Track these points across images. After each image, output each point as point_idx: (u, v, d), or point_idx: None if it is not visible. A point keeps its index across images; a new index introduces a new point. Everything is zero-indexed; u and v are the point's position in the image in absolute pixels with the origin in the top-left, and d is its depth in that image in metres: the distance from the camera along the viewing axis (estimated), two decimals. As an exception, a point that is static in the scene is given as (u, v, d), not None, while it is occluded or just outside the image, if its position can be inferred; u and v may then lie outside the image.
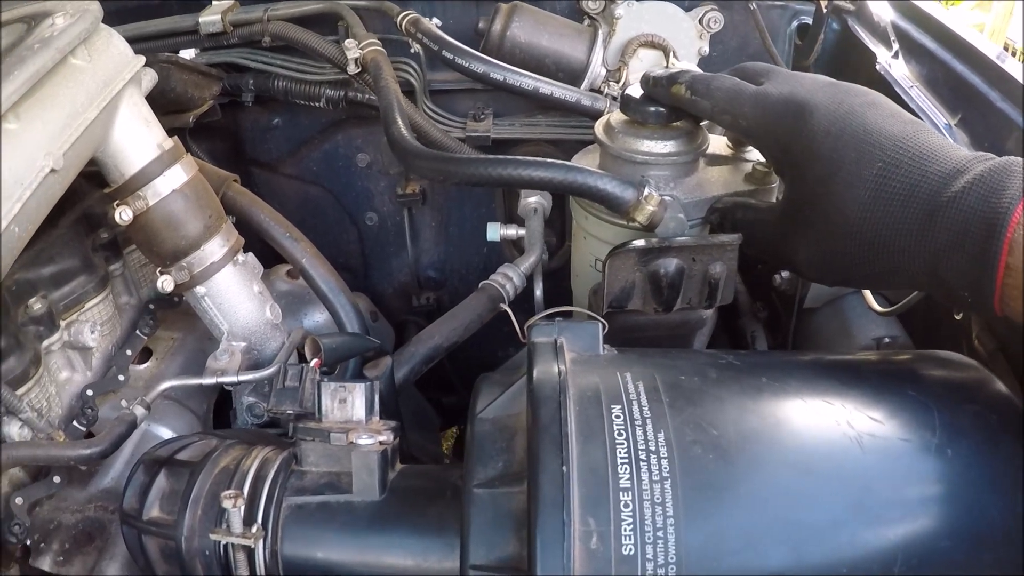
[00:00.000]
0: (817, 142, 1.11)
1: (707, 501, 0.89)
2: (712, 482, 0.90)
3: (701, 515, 0.88)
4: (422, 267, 2.56)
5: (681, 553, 0.86)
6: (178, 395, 1.65)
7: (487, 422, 1.10)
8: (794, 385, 1.05)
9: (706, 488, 0.90)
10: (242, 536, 1.13)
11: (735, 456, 0.92)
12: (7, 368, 1.37)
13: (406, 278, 2.57)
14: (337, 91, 2.13)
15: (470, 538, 0.98)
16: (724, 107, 1.26)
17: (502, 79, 1.93)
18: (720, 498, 0.89)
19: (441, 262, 2.55)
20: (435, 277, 2.58)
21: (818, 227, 1.12)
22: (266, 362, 1.71)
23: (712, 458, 0.91)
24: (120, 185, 1.48)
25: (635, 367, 1.05)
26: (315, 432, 1.20)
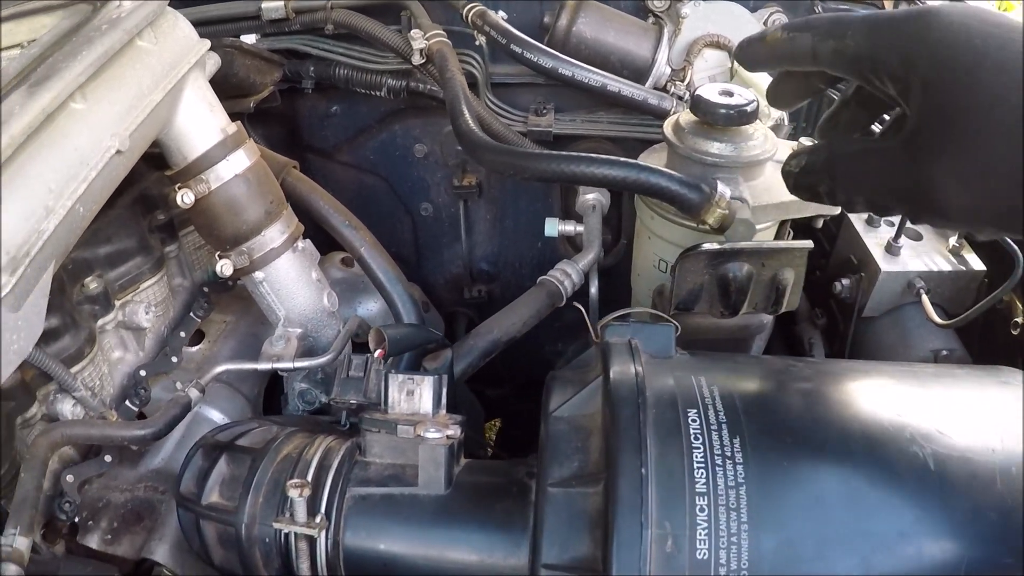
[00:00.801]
0: (952, 35, 0.88)
1: (780, 509, 0.89)
2: (785, 490, 0.90)
3: (774, 522, 0.88)
4: (475, 259, 2.55)
5: (753, 559, 0.86)
6: (230, 379, 1.66)
7: (562, 421, 1.09)
8: (864, 396, 1.04)
9: (779, 496, 0.89)
10: (306, 526, 1.13)
11: (808, 465, 0.92)
12: (62, 346, 1.37)
13: (458, 270, 2.57)
14: (399, 81, 2.12)
15: (543, 537, 0.98)
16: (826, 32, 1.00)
17: (571, 75, 1.92)
18: (793, 506, 0.89)
19: (494, 255, 2.55)
20: (487, 270, 2.57)
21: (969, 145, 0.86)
22: (321, 349, 1.71)
23: (786, 466, 0.91)
24: (182, 168, 1.49)
25: (709, 371, 1.05)
26: (381, 423, 1.20)
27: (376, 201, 2.45)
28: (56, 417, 1.38)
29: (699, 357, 1.14)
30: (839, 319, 1.89)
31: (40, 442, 1.27)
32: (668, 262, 1.60)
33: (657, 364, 1.08)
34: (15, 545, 1.14)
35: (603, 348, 1.12)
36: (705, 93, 1.48)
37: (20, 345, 1.12)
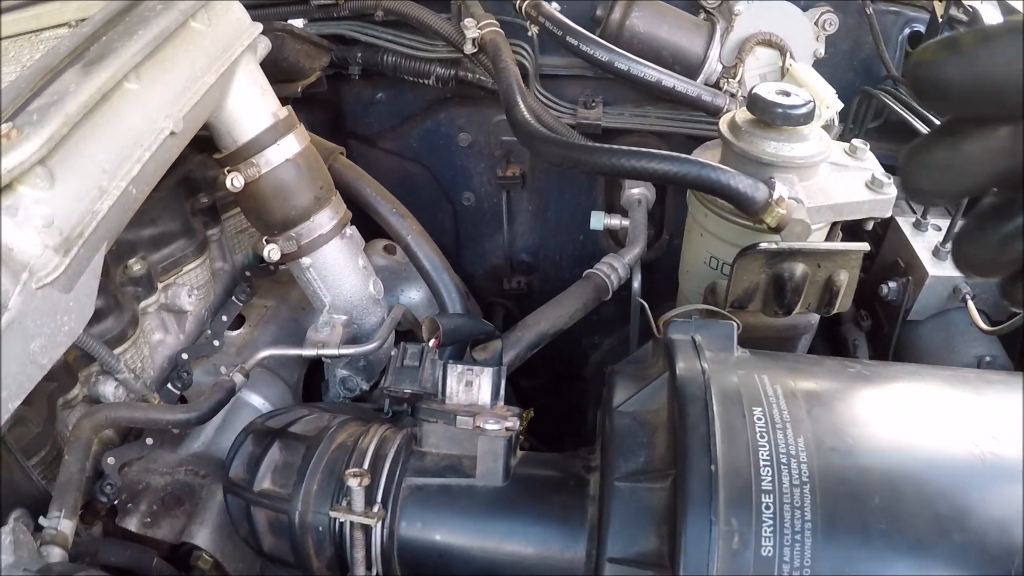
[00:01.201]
0: None
1: (843, 508, 0.88)
2: (848, 490, 0.89)
3: (837, 522, 0.87)
4: (516, 250, 2.55)
5: (816, 558, 0.85)
6: (271, 364, 1.65)
7: (627, 416, 1.08)
8: (921, 398, 1.04)
9: (842, 496, 0.89)
10: (363, 515, 1.13)
11: (869, 466, 0.91)
12: (105, 328, 1.37)
13: (499, 260, 2.56)
14: (447, 69, 2.11)
15: (609, 531, 0.97)
16: None
17: (626, 69, 1.90)
18: (855, 506, 0.88)
19: (535, 247, 2.54)
20: (528, 261, 2.56)
21: None
22: (364, 337, 1.70)
23: (848, 466, 0.91)
24: (232, 151, 1.48)
25: (771, 370, 1.04)
26: (439, 414, 1.20)
27: (418, 189, 2.44)
28: (98, 399, 1.38)
29: (760, 355, 1.13)
30: (884, 322, 1.87)
31: (84, 424, 1.25)
32: (720, 259, 1.59)
33: (721, 361, 1.07)
34: (60, 528, 1.13)
35: (667, 344, 1.11)
36: (763, 92, 1.47)
37: (71, 327, 1.11)
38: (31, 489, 1.20)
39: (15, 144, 1.01)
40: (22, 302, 1.03)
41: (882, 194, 1.49)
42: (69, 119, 1.06)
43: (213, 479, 1.43)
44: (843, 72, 2.20)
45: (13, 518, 1.15)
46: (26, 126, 1.03)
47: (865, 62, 2.22)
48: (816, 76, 1.85)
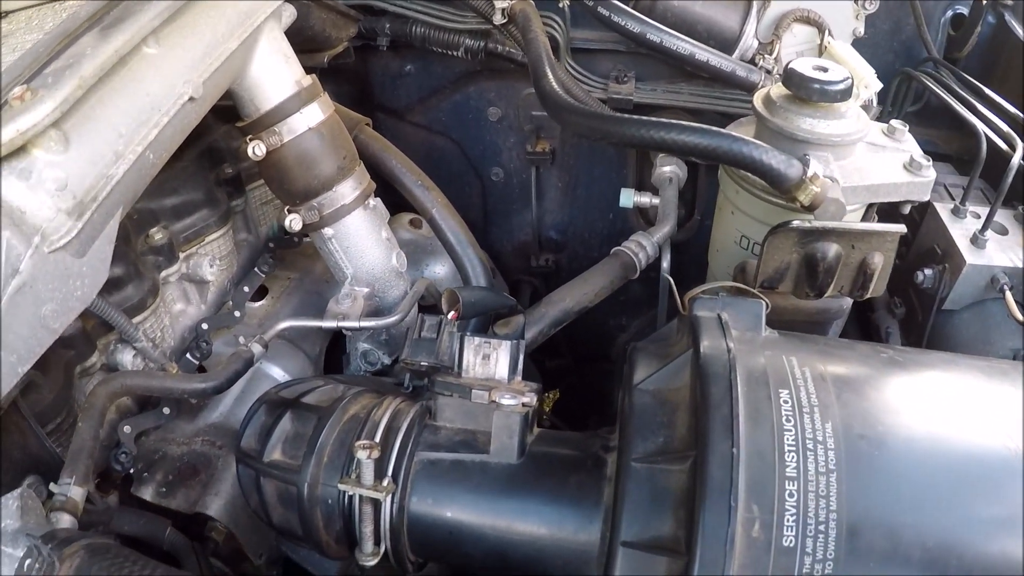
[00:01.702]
0: None
1: (871, 500, 0.85)
2: (877, 481, 0.86)
3: (864, 513, 0.84)
4: (544, 227, 2.52)
5: (840, 550, 0.82)
6: (292, 336, 1.64)
7: (647, 394, 1.05)
8: (955, 388, 1.01)
9: (870, 487, 0.86)
10: (372, 489, 1.10)
11: (900, 456, 0.88)
12: (124, 296, 1.36)
13: (526, 237, 2.53)
14: (477, 41, 2.08)
15: (624, 513, 0.95)
16: None
17: (659, 41, 1.87)
18: (883, 499, 0.85)
19: (564, 224, 2.51)
20: (556, 239, 2.54)
21: None
22: (387, 310, 1.68)
23: (877, 455, 0.88)
24: (255, 119, 1.46)
25: (800, 352, 1.01)
26: (455, 387, 1.18)
27: (445, 164, 2.42)
28: (115, 367, 1.37)
29: (788, 337, 1.10)
30: (918, 310, 1.83)
31: (99, 391, 1.25)
32: (751, 239, 1.56)
33: (747, 341, 1.04)
34: (70, 495, 1.12)
35: (692, 321, 1.08)
36: (799, 67, 1.44)
37: (83, 292, 1.10)
38: (45, 456, 1.20)
39: (29, 106, 1.00)
40: (33, 265, 1.02)
41: (920, 176, 1.46)
42: (84, 82, 1.05)
43: (229, 450, 1.42)
44: (883, 53, 2.16)
45: (26, 484, 1.14)
46: (41, 88, 1.02)
47: (906, 43, 2.17)
48: (855, 55, 1.82)
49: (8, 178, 1.01)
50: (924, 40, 2.09)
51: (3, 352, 1.01)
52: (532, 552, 1.09)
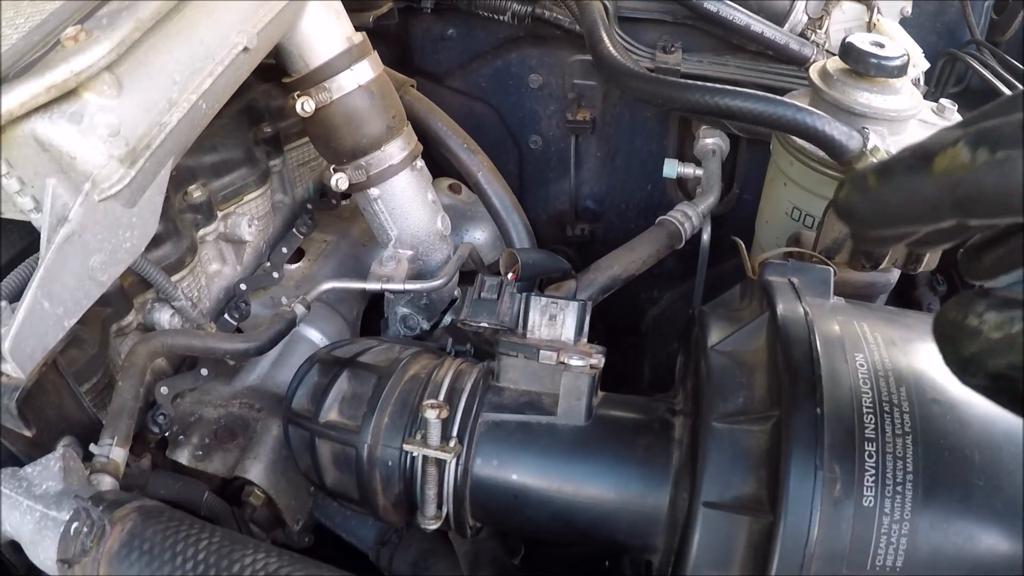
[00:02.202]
0: None
1: (944, 462, 0.85)
2: (950, 443, 0.86)
3: (939, 476, 0.84)
4: (581, 197, 2.47)
5: (917, 511, 0.83)
6: (330, 299, 1.61)
7: (724, 356, 1.04)
8: None
9: (944, 449, 0.86)
10: (439, 449, 1.08)
11: (970, 421, 0.88)
12: (163, 254, 1.33)
13: (563, 206, 2.49)
14: (524, 6, 2.04)
15: (705, 473, 0.94)
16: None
17: (715, 10, 1.84)
18: (956, 461, 0.85)
19: (602, 194, 2.47)
20: (593, 208, 2.49)
21: None
22: (429, 274, 1.66)
23: (949, 419, 0.87)
24: (304, 75, 1.43)
25: (869, 319, 1.01)
26: (521, 348, 1.15)
27: (484, 130, 2.37)
28: (152, 327, 1.34)
29: (855, 304, 1.10)
30: (960, 287, 1.84)
31: (139, 350, 1.21)
32: (803, 210, 1.55)
33: (819, 306, 1.04)
34: (111, 456, 1.09)
35: (765, 285, 1.08)
36: (857, 41, 1.43)
37: (133, 244, 1.07)
38: (81, 416, 1.17)
39: (83, 47, 0.97)
40: (83, 214, 0.99)
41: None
42: (141, 24, 1.01)
43: (269, 413, 1.39)
44: (926, 34, 2.14)
45: (62, 445, 1.11)
46: (95, 30, 0.99)
47: (949, 25, 2.17)
48: (903, 34, 1.81)
49: (59, 121, 0.98)
50: (968, 22, 2.08)
51: (50, 303, 0.98)
52: (598, 516, 1.08)
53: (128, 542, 0.92)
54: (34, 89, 0.94)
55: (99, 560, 0.92)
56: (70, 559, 0.93)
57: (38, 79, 0.95)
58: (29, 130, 0.98)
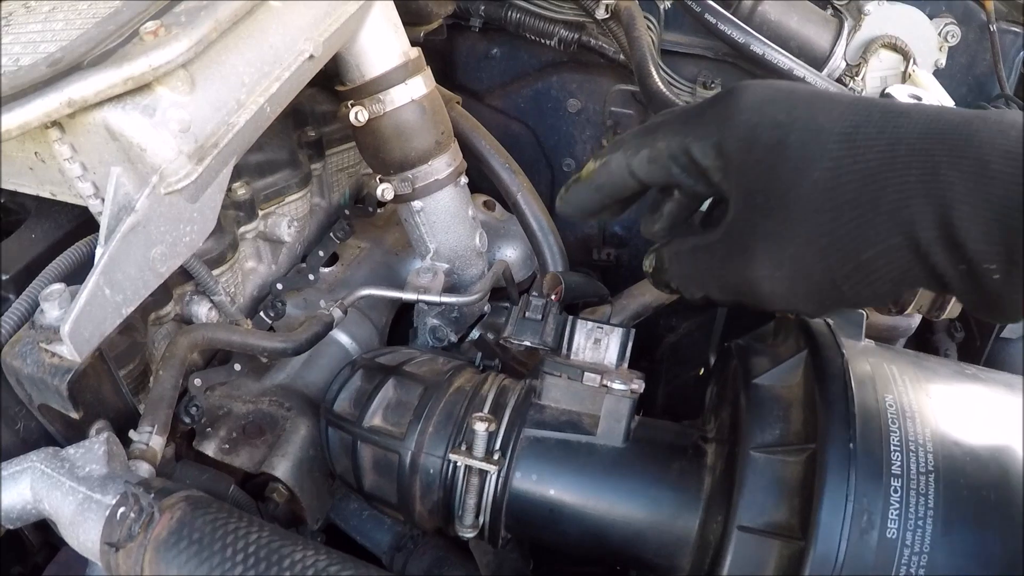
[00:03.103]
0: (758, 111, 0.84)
1: (962, 500, 0.89)
2: (967, 483, 0.90)
3: (956, 512, 0.89)
4: (610, 222, 2.49)
5: (935, 544, 0.87)
6: (362, 305, 1.63)
7: (763, 389, 1.08)
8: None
9: (962, 488, 0.90)
10: (484, 461, 1.13)
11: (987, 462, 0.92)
12: (206, 248, 1.34)
13: (591, 230, 2.50)
14: (571, 32, 2.07)
15: (742, 499, 0.98)
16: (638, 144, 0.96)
17: (760, 53, 1.87)
18: (972, 499, 0.89)
19: (630, 220, 2.47)
20: (621, 234, 2.51)
21: (776, 223, 0.82)
22: (462, 288, 1.69)
23: (969, 460, 0.92)
24: (359, 85, 1.46)
25: (898, 362, 1.05)
26: (567, 368, 1.18)
27: (519, 149, 2.38)
28: (189, 319, 1.36)
29: (884, 347, 1.13)
30: (977, 336, 1.86)
31: (181, 341, 1.23)
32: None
33: (852, 347, 1.07)
34: (150, 444, 1.11)
35: (803, 324, 1.11)
36: (896, 94, 1.45)
37: (191, 238, 1.10)
38: (117, 402, 1.18)
39: (163, 42, 0.99)
40: (149, 206, 1.02)
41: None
42: (220, 25, 1.04)
43: (298, 413, 1.41)
44: (957, 85, 2.16)
45: (96, 429, 1.13)
46: (174, 26, 1.01)
47: (979, 78, 2.18)
48: (937, 85, 1.83)
49: (132, 113, 1.00)
50: (999, 77, 2.10)
51: (111, 290, 1.00)
52: (629, 534, 1.12)
53: (178, 530, 0.94)
54: (111, 79, 0.97)
55: (145, 546, 0.94)
56: (116, 543, 0.95)
57: (115, 69, 0.97)
58: (101, 118, 1.00)
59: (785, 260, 0.83)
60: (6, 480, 1.02)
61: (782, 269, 0.84)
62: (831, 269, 0.81)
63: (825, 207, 0.78)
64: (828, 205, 0.78)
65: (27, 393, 1.10)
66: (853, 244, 0.78)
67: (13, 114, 0.95)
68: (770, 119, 0.83)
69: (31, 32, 1.13)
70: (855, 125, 0.79)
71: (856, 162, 0.77)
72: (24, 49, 1.10)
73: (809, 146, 0.80)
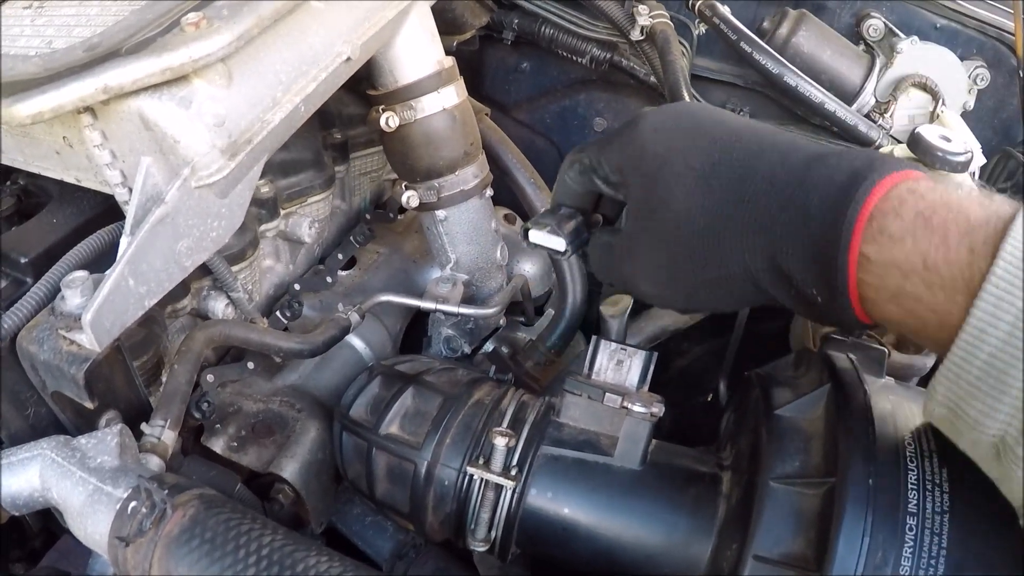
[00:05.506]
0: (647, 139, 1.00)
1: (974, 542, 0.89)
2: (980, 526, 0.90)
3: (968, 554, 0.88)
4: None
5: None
6: (378, 310, 1.61)
7: (784, 420, 1.07)
8: None
9: (976, 531, 0.89)
10: (502, 475, 1.12)
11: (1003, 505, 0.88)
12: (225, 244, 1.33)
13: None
14: (604, 52, 2.06)
15: (759, 528, 0.96)
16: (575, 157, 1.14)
17: (793, 85, 1.86)
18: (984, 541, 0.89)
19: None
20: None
21: (651, 235, 0.99)
22: (480, 300, 1.68)
23: (983, 502, 0.89)
24: (391, 91, 1.45)
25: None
26: (588, 387, 1.17)
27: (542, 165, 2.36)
28: (205, 314, 1.35)
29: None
30: None
31: (198, 336, 1.22)
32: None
33: (874, 383, 1.07)
34: (162, 438, 1.10)
35: (826, 358, 1.11)
36: (926, 133, 1.44)
37: (218, 234, 1.09)
38: (129, 393, 1.17)
39: (204, 34, 0.99)
40: (179, 198, 1.01)
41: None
42: (262, 21, 1.03)
43: (308, 415, 1.39)
44: (983, 128, 2.16)
45: (106, 420, 1.12)
46: (216, 19, 1.00)
47: (1006, 122, 2.18)
48: (964, 127, 1.82)
49: (168, 103, 1.00)
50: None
51: (135, 281, 1.00)
52: (641, 557, 1.11)
53: (190, 528, 0.93)
54: (149, 68, 0.96)
55: (156, 542, 0.93)
56: (127, 537, 0.93)
57: (155, 59, 0.96)
58: (136, 107, 1.00)
59: (658, 267, 1.00)
60: (15, 466, 1.01)
61: (656, 273, 1.01)
62: (689, 280, 0.97)
63: (685, 231, 0.94)
64: (687, 230, 0.94)
65: (41, 379, 1.09)
66: (703, 265, 0.94)
67: (47, 96, 0.94)
68: (651, 151, 0.98)
69: (65, 15, 1.13)
70: (714, 164, 0.93)
71: (707, 199, 0.92)
72: (58, 32, 1.10)
73: (674, 181, 0.95)
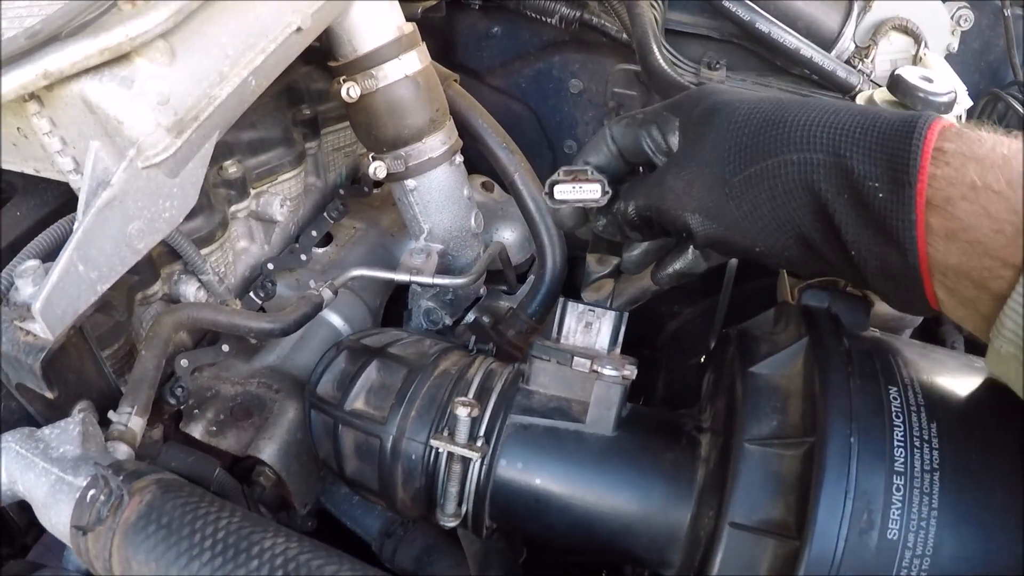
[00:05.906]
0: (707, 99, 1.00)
1: (968, 501, 0.85)
2: (973, 483, 0.86)
3: (962, 514, 0.84)
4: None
5: (938, 547, 0.82)
6: (355, 286, 1.60)
7: (760, 378, 1.03)
8: None
9: (969, 487, 0.85)
10: (467, 447, 1.08)
11: (997, 462, 0.87)
12: (195, 227, 1.32)
13: (591, 212, 2.47)
14: (573, 10, 2.03)
15: (734, 494, 0.93)
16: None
17: (766, 32, 1.83)
18: (979, 501, 0.85)
19: (631, 205, 2.44)
20: (620, 217, 2.48)
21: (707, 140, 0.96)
22: (457, 270, 1.66)
23: (976, 458, 0.87)
24: (351, 61, 1.42)
25: (903, 353, 1.00)
26: (555, 352, 1.14)
27: (519, 131, 2.34)
28: (177, 298, 1.34)
29: (890, 338, 1.08)
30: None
31: (165, 320, 1.21)
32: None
33: (855, 337, 1.03)
34: (129, 425, 1.08)
35: (805, 311, 1.07)
36: (907, 75, 1.41)
37: (171, 214, 1.07)
38: (100, 382, 1.16)
39: (140, 12, 0.96)
40: (125, 180, 0.99)
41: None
42: (200, -7, 1.01)
43: (287, 395, 1.38)
44: (969, 71, 2.12)
45: (79, 409, 1.11)
46: (153, -5, 0.98)
47: (992, 64, 2.14)
48: (949, 70, 1.79)
49: (109, 84, 0.98)
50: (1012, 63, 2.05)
51: (84, 267, 0.98)
52: (618, 527, 1.07)
53: (146, 514, 0.92)
54: (87, 50, 0.94)
55: (114, 530, 0.92)
56: (85, 526, 0.92)
57: (92, 40, 0.94)
58: (78, 91, 0.97)
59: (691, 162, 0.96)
60: (-21, 460, 0.99)
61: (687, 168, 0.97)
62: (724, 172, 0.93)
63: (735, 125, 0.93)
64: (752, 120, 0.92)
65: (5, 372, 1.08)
66: (749, 154, 0.90)
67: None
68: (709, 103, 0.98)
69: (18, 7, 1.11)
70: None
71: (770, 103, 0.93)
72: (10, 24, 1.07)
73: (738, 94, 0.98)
